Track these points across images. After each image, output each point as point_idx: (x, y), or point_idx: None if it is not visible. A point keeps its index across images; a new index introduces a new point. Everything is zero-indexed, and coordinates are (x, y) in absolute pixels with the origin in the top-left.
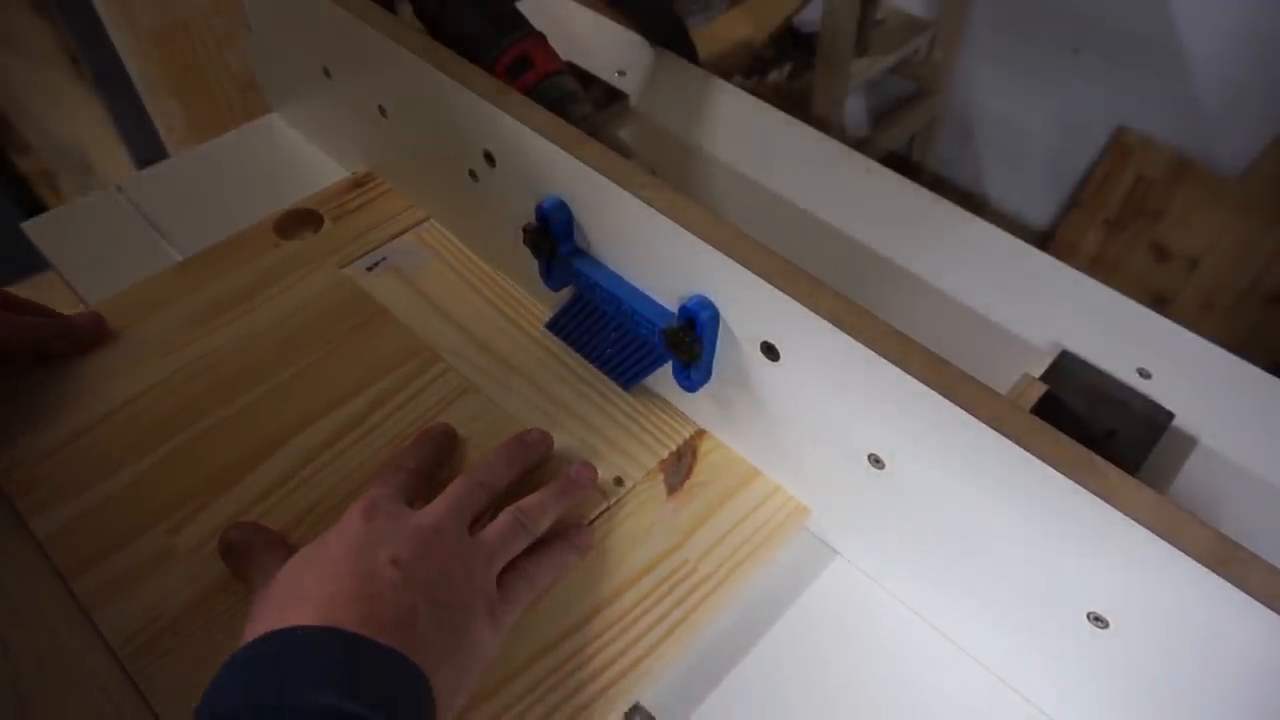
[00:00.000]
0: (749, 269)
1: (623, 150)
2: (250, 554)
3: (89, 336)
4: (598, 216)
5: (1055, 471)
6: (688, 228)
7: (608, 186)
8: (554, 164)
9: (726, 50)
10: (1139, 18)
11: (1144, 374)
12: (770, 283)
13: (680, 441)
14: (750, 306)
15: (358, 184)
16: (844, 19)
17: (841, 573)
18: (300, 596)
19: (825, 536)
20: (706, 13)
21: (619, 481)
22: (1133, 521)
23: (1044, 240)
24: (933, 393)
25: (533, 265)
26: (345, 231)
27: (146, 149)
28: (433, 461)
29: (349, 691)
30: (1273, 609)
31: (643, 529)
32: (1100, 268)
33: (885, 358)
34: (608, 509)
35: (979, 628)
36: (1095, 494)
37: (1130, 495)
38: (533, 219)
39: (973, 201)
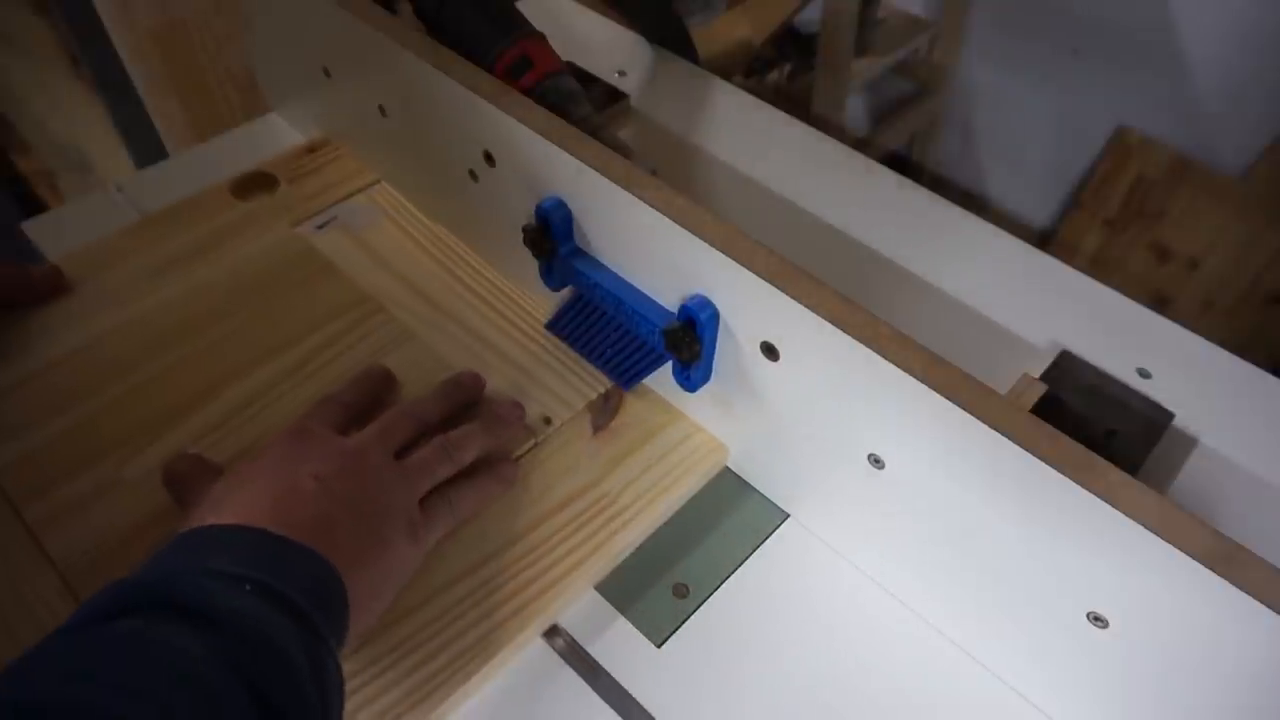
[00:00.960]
0: (749, 269)
1: (623, 150)
2: (190, 482)
3: (47, 288)
4: (598, 216)
5: (1055, 471)
6: (688, 228)
7: (608, 186)
8: (554, 164)
9: (726, 50)
10: (1139, 18)
11: (1144, 374)
12: (770, 283)
13: (608, 385)
14: (750, 306)
15: (311, 149)
16: (844, 19)
17: (839, 570)
18: (222, 505)
19: (823, 534)
20: (706, 13)
21: (547, 421)
22: (1133, 521)
23: (1044, 240)
24: (933, 393)
25: (533, 265)
26: (299, 193)
27: (146, 149)
28: (367, 399)
29: (259, 569)
30: (1273, 609)
31: (567, 464)
32: (1100, 268)
33: (885, 358)
34: (535, 445)
35: (978, 627)
36: (1095, 494)
37: (1130, 495)
38: (533, 219)
39: (973, 201)
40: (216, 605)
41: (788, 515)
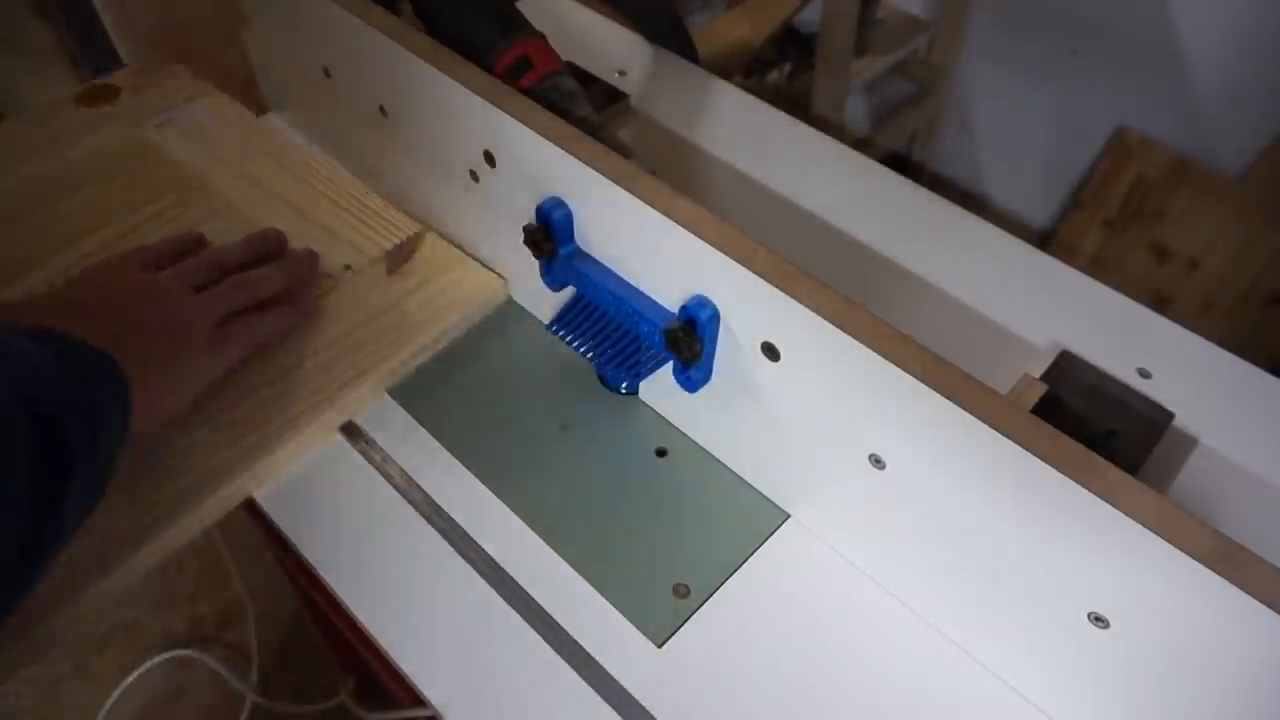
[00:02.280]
0: (749, 269)
1: (623, 150)
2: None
3: None
4: (598, 216)
5: (1055, 471)
6: (688, 228)
7: (608, 186)
8: (554, 164)
9: (726, 50)
10: (1139, 18)
11: (1144, 374)
12: (770, 283)
13: (403, 238)
14: (750, 306)
15: (153, 70)
16: (844, 19)
17: (839, 570)
18: (12, 315)
19: (823, 534)
20: (706, 13)
21: (347, 267)
22: (1133, 521)
23: (1044, 240)
24: (933, 393)
25: (533, 265)
26: (139, 101)
27: None
28: (176, 253)
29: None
30: (1273, 609)
31: (362, 298)
32: (1100, 268)
33: (885, 358)
34: (335, 287)
35: (978, 627)
36: (1095, 494)
37: (1130, 495)
38: (533, 219)
39: (973, 201)
40: None
41: (788, 515)
